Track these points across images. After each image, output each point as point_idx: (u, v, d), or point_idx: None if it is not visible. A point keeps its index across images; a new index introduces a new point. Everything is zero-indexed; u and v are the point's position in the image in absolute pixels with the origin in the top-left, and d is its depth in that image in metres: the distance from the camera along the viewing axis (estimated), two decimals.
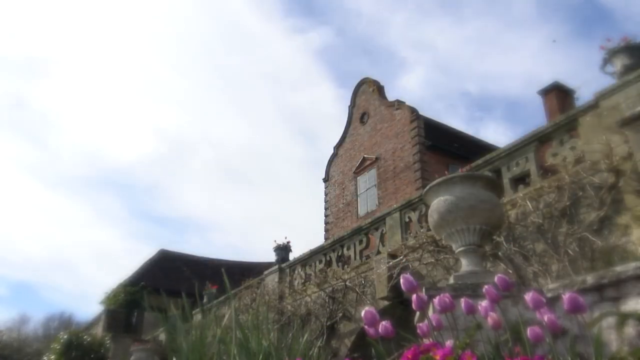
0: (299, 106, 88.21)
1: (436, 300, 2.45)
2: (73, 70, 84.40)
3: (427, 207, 5.39)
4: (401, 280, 2.48)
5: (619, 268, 3.53)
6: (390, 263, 8.36)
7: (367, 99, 23.49)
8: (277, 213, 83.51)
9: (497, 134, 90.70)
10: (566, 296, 2.08)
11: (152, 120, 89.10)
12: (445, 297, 2.45)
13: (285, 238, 12.91)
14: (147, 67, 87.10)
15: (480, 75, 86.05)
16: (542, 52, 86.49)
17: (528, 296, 2.20)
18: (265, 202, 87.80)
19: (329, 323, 9.67)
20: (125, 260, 78.18)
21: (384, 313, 2.44)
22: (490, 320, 2.36)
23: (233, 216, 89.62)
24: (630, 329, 3.15)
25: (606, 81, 6.29)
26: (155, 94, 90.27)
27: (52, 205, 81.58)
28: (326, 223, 23.63)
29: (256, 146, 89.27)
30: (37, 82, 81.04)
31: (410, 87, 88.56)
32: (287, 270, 11.97)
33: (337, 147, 24.54)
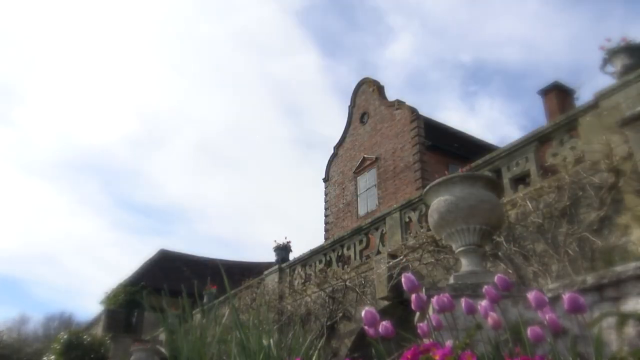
0: (282, 77, 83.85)
1: (434, 300, 2.45)
2: (42, 44, 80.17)
3: (427, 207, 5.39)
4: (402, 280, 2.48)
5: (619, 268, 3.53)
6: (390, 263, 8.36)
7: (367, 99, 23.50)
8: (266, 201, 79.97)
9: (493, 111, 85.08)
10: (566, 296, 2.07)
11: (131, 100, 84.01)
12: (444, 297, 2.45)
13: (285, 238, 12.93)
14: (123, 44, 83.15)
15: (474, 43, 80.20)
16: (542, 15, 79.73)
17: (530, 296, 2.19)
18: (254, 190, 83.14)
19: (329, 323, 9.67)
20: (112, 252, 75.72)
21: (384, 313, 2.45)
22: (490, 320, 2.35)
23: (221, 205, 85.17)
24: (630, 329, 3.15)
25: (606, 81, 6.30)
26: (133, 71, 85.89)
27: (28, 191, 77.57)
28: (326, 223, 23.63)
29: (240, 124, 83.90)
30: None
31: (399, 56, 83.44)
32: (287, 270, 11.98)
33: (337, 147, 24.55)
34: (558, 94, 19.66)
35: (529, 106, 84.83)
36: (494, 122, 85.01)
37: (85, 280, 73.34)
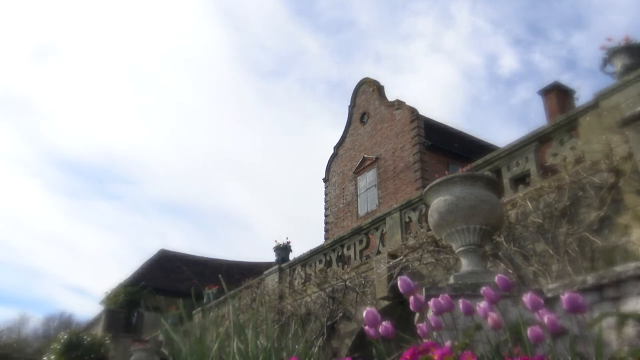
0: None
1: (432, 302, 2.45)
2: None
3: (427, 207, 5.39)
4: (398, 282, 2.48)
5: (619, 268, 3.52)
6: (391, 263, 8.36)
7: (367, 99, 23.51)
8: (221, 150, 69.57)
9: (475, 17, 71.72)
10: (566, 296, 2.07)
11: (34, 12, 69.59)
12: (441, 299, 2.44)
13: (287, 238, 12.94)
14: None
15: None
16: None
17: (526, 297, 2.19)
18: (205, 138, 70.68)
19: (329, 323, 9.67)
20: (54, 221, 66.70)
21: (384, 313, 2.44)
22: (490, 321, 2.35)
23: (166, 154, 72.35)
24: (630, 329, 3.15)
25: (606, 81, 6.30)
26: None
27: None
28: (326, 223, 23.65)
29: (173, 43, 70.77)
30: None
31: None
32: (287, 270, 11.97)
33: (337, 147, 24.57)
34: (558, 94, 19.67)
35: (521, 7, 73.31)
36: (478, 33, 72.21)
37: (43, 260, 65.79)
